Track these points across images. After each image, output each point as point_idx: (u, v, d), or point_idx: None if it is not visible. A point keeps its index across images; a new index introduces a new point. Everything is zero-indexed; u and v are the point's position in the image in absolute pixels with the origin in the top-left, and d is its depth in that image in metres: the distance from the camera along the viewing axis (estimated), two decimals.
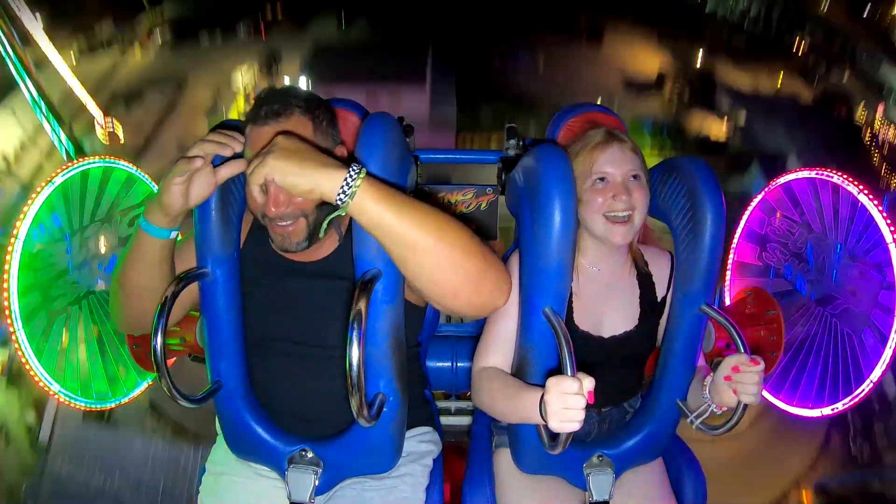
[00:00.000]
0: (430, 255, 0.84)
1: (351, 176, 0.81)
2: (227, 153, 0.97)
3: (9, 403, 6.92)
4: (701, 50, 16.31)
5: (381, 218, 0.82)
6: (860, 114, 13.05)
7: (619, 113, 1.39)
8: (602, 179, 1.08)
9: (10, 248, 1.54)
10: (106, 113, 11.16)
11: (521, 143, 1.53)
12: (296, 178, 0.81)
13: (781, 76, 15.32)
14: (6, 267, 1.53)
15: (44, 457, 6.30)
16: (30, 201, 1.56)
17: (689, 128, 14.16)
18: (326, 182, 0.81)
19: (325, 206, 1.00)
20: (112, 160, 1.76)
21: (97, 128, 10.64)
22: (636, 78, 15.26)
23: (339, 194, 0.81)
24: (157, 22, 16.01)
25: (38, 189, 1.58)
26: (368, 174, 0.83)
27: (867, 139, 12.60)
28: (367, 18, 15.45)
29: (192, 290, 1.05)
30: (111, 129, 10.90)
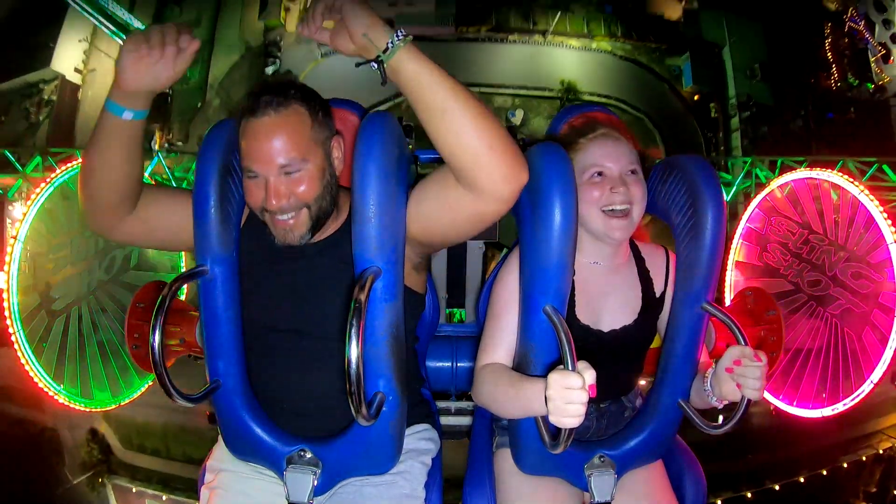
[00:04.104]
0: (466, 108, 0.88)
1: (401, 33, 0.88)
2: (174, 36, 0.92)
3: None
4: None
5: (422, 68, 0.87)
6: None
7: None
8: (599, 173, 1.09)
9: (9, 249, 1.54)
10: None
11: (520, 142, 1.52)
12: (362, 11, 0.87)
13: None
14: (6, 267, 1.54)
15: None
16: (30, 202, 1.56)
17: None
18: (382, 26, 0.88)
19: (325, 194, 1.02)
20: None
21: None
22: None
23: (390, 41, 0.86)
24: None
25: (38, 189, 1.58)
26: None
27: None
28: None
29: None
30: None
